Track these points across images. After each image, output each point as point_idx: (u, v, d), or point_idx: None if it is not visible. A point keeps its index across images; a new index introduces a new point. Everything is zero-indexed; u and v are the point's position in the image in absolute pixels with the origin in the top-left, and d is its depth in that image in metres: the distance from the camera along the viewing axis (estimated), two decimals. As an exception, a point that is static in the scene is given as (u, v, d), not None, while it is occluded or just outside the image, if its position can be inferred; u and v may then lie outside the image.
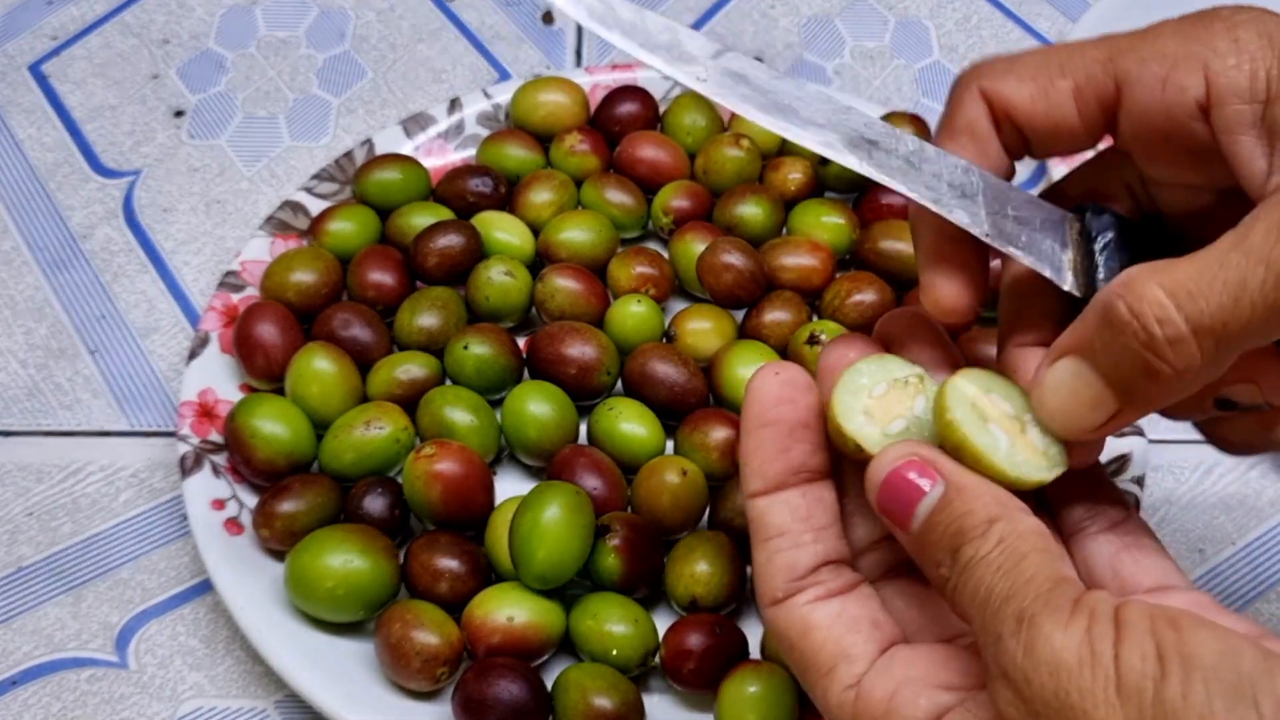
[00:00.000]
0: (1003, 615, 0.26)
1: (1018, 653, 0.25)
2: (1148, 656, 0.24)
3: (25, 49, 0.69)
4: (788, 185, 0.58)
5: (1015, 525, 0.28)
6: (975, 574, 0.27)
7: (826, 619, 0.31)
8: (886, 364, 0.33)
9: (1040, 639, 0.25)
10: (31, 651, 0.49)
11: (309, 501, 0.48)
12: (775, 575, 0.32)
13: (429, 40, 0.69)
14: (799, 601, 0.31)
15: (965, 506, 0.29)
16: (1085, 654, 0.24)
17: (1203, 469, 0.54)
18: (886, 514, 0.30)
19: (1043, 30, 0.70)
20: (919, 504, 0.29)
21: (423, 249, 0.54)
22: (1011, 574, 0.27)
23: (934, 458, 0.30)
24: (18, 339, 0.58)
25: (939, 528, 0.29)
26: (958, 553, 0.28)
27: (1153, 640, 0.24)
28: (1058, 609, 0.25)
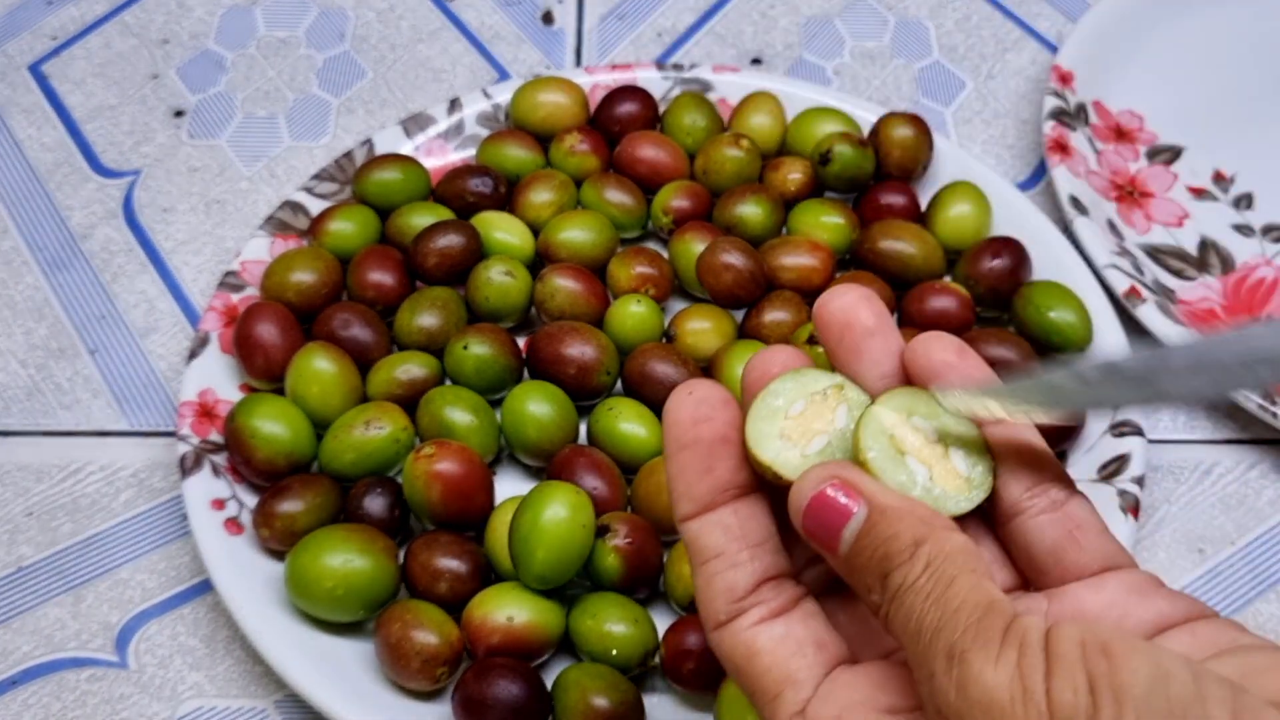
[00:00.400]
0: (934, 650, 0.26)
1: (950, 691, 0.25)
2: (1079, 689, 0.24)
3: (25, 49, 0.69)
4: (787, 185, 0.58)
5: (941, 546, 0.28)
6: (905, 602, 0.27)
7: (770, 643, 0.30)
8: (803, 378, 0.32)
9: (971, 678, 0.25)
10: (31, 651, 0.49)
11: (309, 501, 0.48)
12: (716, 598, 0.31)
13: (429, 40, 0.69)
14: (742, 625, 0.31)
15: (890, 529, 0.28)
16: (1017, 691, 0.24)
17: (1202, 469, 0.54)
18: (813, 539, 0.29)
19: (1043, 30, 0.70)
20: (844, 528, 0.29)
21: (422, 249, 0.54)
22: (940, 601, 0.27)
23: (856, 479, 0.29)
24: (17, 339, 0.58)
25: (866, 551, 0.28)
26: (886, 579, 0.28)
27: (1084, 671, 0.24)
28: (987, 642, 0.25)
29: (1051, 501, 0.31)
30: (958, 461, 0.31)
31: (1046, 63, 0.69)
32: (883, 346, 0.33)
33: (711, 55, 0.69)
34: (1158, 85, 0.66)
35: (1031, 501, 0.31)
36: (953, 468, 0.31)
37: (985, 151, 0.65)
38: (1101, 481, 0.50)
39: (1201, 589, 0.51)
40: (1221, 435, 0.55)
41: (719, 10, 0.71)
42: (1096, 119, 0.64)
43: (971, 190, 0.58)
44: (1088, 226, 0.57)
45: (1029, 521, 0.31)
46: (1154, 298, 0.56)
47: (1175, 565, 0.51)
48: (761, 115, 0.61)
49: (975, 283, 0.55)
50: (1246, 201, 0.62)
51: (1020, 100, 0.67)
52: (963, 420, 0.32)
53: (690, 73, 0.63)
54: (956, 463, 0.31)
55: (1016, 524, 0.31)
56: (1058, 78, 0.64)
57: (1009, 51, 0.69)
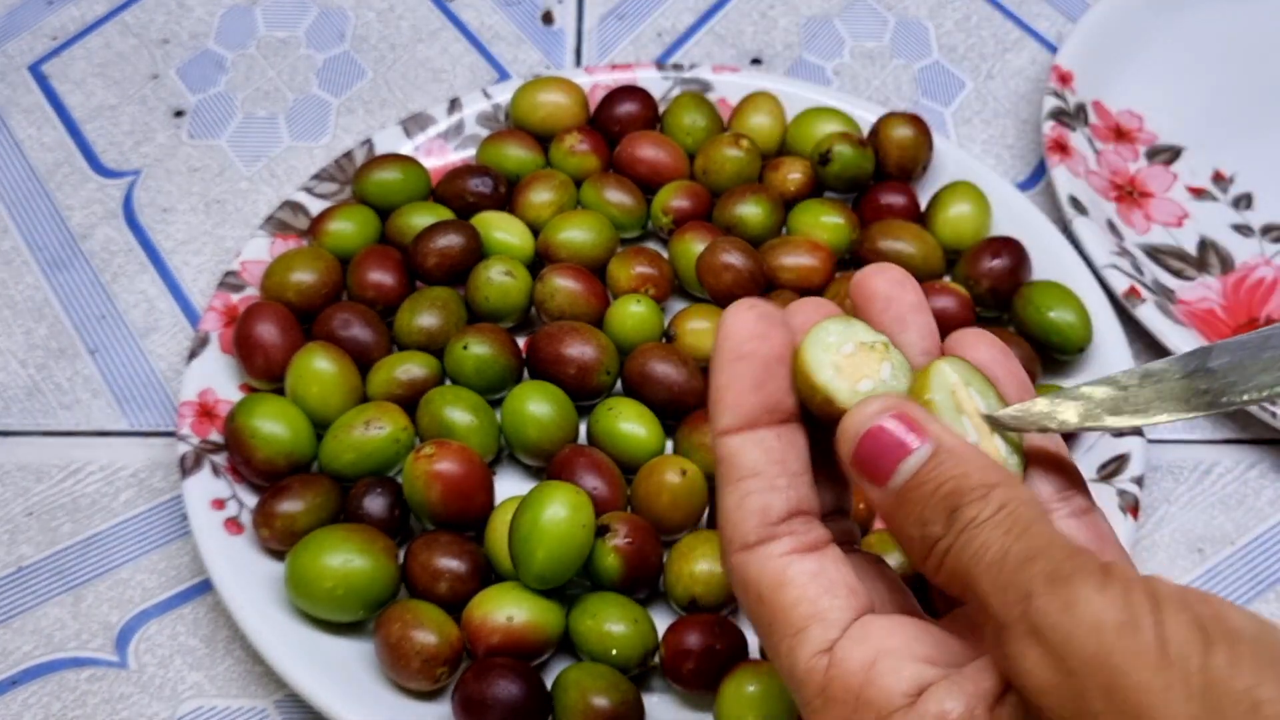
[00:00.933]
0: (1029, 573, 0.25)
1: (1054, 610, 0.25)
2: (1190, 625, 0.24)
3: (25, 49, 0.69)
4: (787, 185, 0.58)
5: (1015, 492, 0.27)
6: (981, 535, 0.27)
7: (803, 576, 0.29)
8: (853, 326, 0.32)
9: (1081, 599, 0.24)
10: (31, 651, 0.49)
11: (309, 501, 0.48)
12: (748, 518, 0.30)
13: (429, 40, 0.69)
14: (774, 551, 0.30)
15: (959, 468, 0.28)
16: (1126, 619, 0.24)
17: (1202, 469, 0.54)
18: (861, 467, 0.29)
19: (1042, 30, 0.70)
20: (904, 460, 0.28)
21: (422, 249, 0.54)
22: (1026, 536, 0.26)
23: (921, 416, 0.29)
24: (17, 339, 0.58)
25: (928, 485, 0.28)
26: (955, 513, 0.27)
27: (1191, 612, 0.24)
28: (1091, 571, 0.25)
29: (1078, 507, 0.31)
30: (999, 445, 0.31)
31: (1046, 63, 0.69)
32: (925, 323, 0.33)
33: (711, 55, 0.69)
34: (1157, 85, 0.66)
35: (1060, 504, 0.31)
36: (995, 446, 0.31)
37: (985, 151, 0.65)
38: (1101, 481, 0.50)
39: (1201, 589, 0.51)
40: (1221, 435, 0.55)
41: (719, 10, 0.71)
42: (1096, 119, 0.64)
43: (971, 190, 0.58)
44: (1087, 226, 0.57)
45: (1058, 522, 0.31)
46: (1153, 298, 0.56)
47: (1175, 565, 0.51)
48: (761, 115, 0.61)
49: (975, 282, 0.55)
50: (1246, 201, 0.62)
51: (1020, 100, 0.67)
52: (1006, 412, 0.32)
53: (690, 73, 0.63)
54: (998, 445, 0.31)
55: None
56: (1057, 78, 0.64)
57: (1009, 51, 0.69)
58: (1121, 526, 0.48)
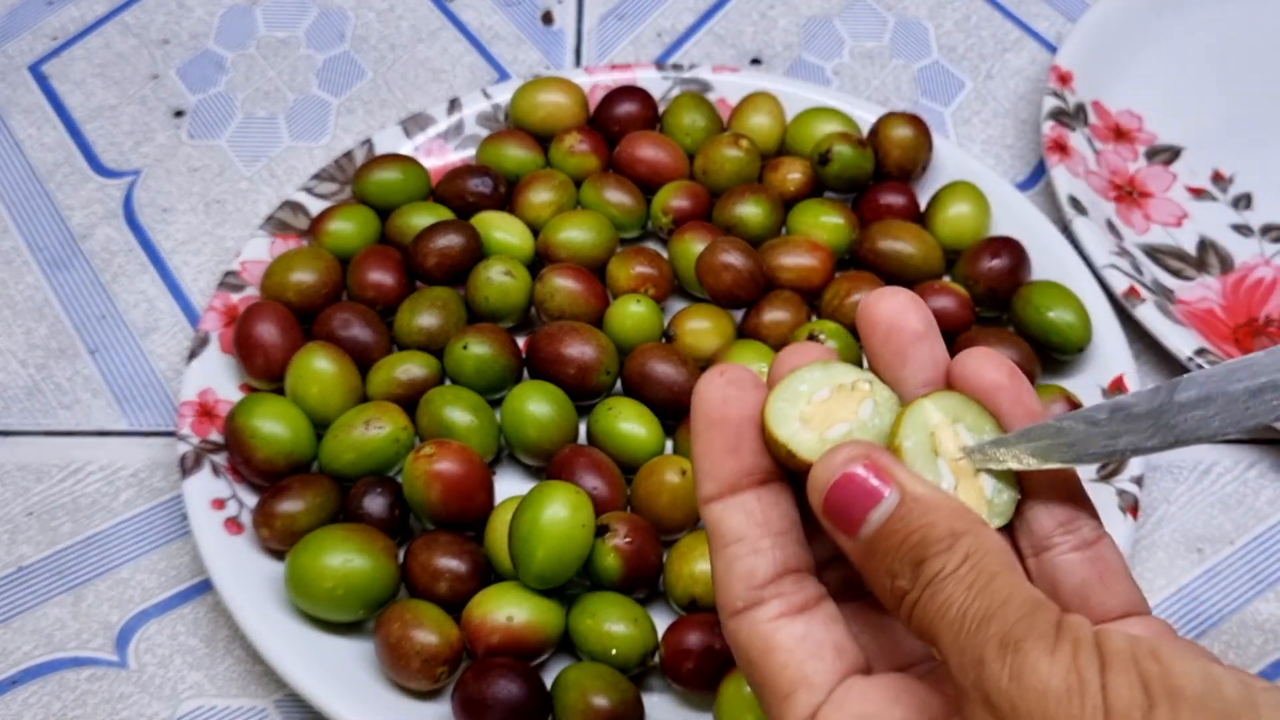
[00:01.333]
0: (983, 637, 0.26)
1: (1003, 678, 0.25)
2: (1134, 687, 0.24)
3: (25, 49, 0.69)
4: (787, 185, 0.58)
5: (982, 541, 0.27)
6: (944, 590, 0.27)
7: (790, 640, 0.29)
8: (831, 369, 0.31)
9: (1027, 666, 0.25)
10: (31, 651, 0.49)
11: (309, 501, 0.48)
12: (735, 584, 0.30)
13: (428, 40, 0.70)
14: (761, 616, 0.30)
15: (926, 518, 0.28)
16: (1074, 682, 0.24)
17: (1201, 469, 0.54)
18: (832, 517, 0.29)
19: (1042, 30, 0.70)
20: (873, 510, 0.28)
21: (422, 249, 0.54)
22: (985, 593, 0.26)
23: (888, 463, 0.29)
24: (18, 339, 0.58)
25: (895, 537, 0.28)
26: (921, 565, 0.27)
27: (1136, 671, 0.24)
28: (1042, 634, 0.25)
29: (1082, 540, 0.31)
30: (986, 483, 0.31)
31: (1046, 63, 0.69)
32: (929, 353, 0.32)
33: (711, 55, 0.69)
34: (1157, 85, 0.66)
35: (1063, 538, 0.31)
36: (979, 486, 0.31)
37: (984, 151, 0.65)
38: (1100, 481, 0.50)
39: (1200, 589, 0.51)
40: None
41: (718, 10, 0.71)
42: (1095, 119, 0.64)
43: (971, 190, 0.58)
44: (1087, 226, 0.57)
45: (1058, 558, 0.31)
46: (1153, 298, 0.56)
47: (1174, 565, 0.51)
48: (761, 115, 0.61)
49: (974, 282, 0.55)
50: (1245, 201, 0.62)
51: (1019, 100, 0.67)
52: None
53: (690, 73, 0.63)
54: (984, 483, 0.31)
55: (1045, 558, 0.31)
56: (1057, 78, 0.64)
57: (1008, 52, 0.69)
58: (1121, 526, 0.48)
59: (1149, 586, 0.51)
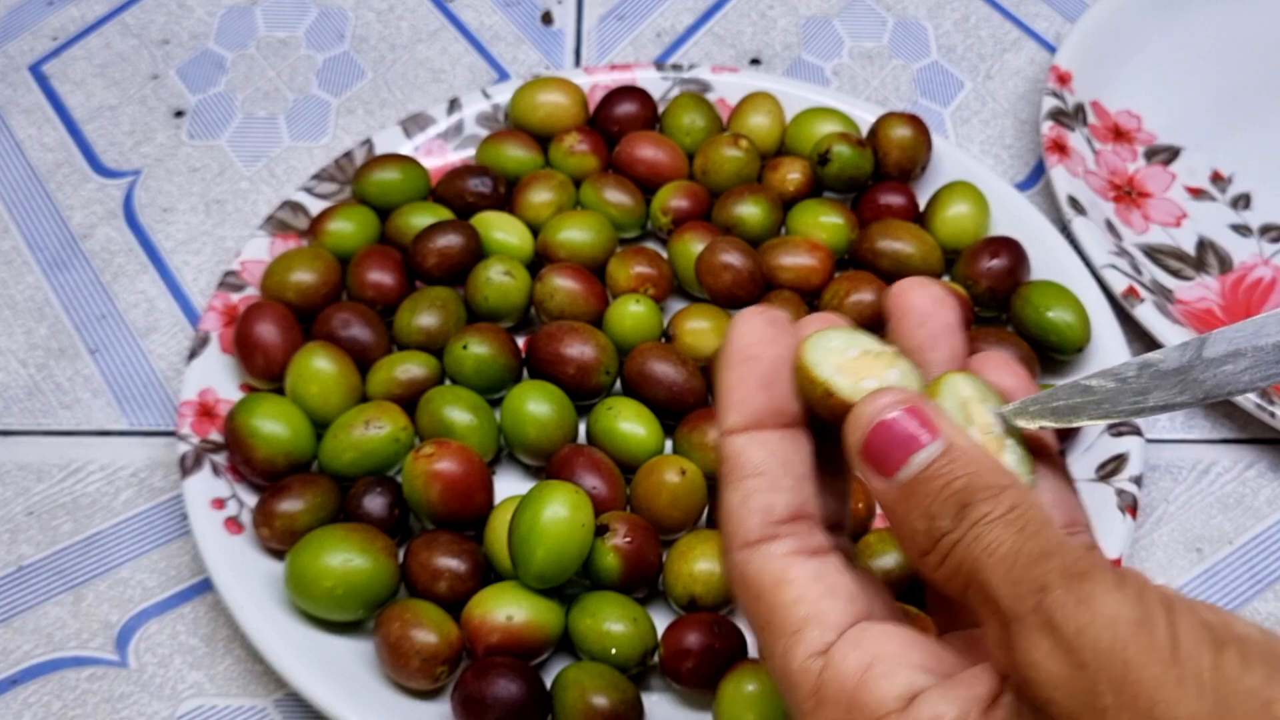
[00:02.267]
0: (1044, 568, 0.26)
1: (1069, 602, 0.25)
2: (1201, 628, 0.24)
3: (25, 49, 0.69)
4: (786, 185, 0.58)
5: (1026, 496, 0.28)
6: (993, 531, 0.27)
7: (804, 576, 0.29)
8: (857, 336, 0.32)
9: (1097, 594, 0.25)
10: (32, 650, 0.49)
11: (308, 501, 0.48)
12: (751, 515, 0.30)
13: (428, 41, 0.70)
14: (775, 550, 0.30)
15: (971, 466, 0.28)
16: (1142, 615, 0.24)
17: (1200, 469, 0.54)
18: (869, 457, 0.29)
19: (1041, 31, 0.70)
20: (915, 453, 0.28)
21: (422, 249, 0.54)
22: (1039, 536, 0.26)
23: (934, 412, 0.29)
24: (18, 339, 0.58)
25: (937, 481, 0.28)
26: (966, 508, 0.27)
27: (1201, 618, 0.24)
28: (1107, 571, 0.25)
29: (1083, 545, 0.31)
30: (1009, 458, 0.31)
31: (1045, 63, 0.69)
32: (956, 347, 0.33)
33: (710, 55, 0.69)
34: (1156, 85, 0.66)
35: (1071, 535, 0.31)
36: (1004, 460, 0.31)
37: (984, 152, 0.65)
38: (1100, 481, 0.50)
39: (1199, 589, 0.51)
40: (1219, 435, 0.55)
41: (718, 11, 0.71)
42: (1095, 119, 0.64)
43: (970, 190, 0.58)
44: (1086, 226, 0.58)
45: None
46: (1152, 297, 0.56)
47: (1173, 565, 0.51)
48: (760, 115, 0.61)
49: (974, 282, 0.55)
50: (1244, 201, 0.62)
51: (1018, 100, 0.67)
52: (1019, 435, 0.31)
53: (689, 73, 0.63)
54: (1008, 458, 0.31)
55: None
56: (1056, 78, 0.64)
57: (1007, 52, 0.69)
58: (1120, 526, 0.49)
59: (1148, 586, 0.51)
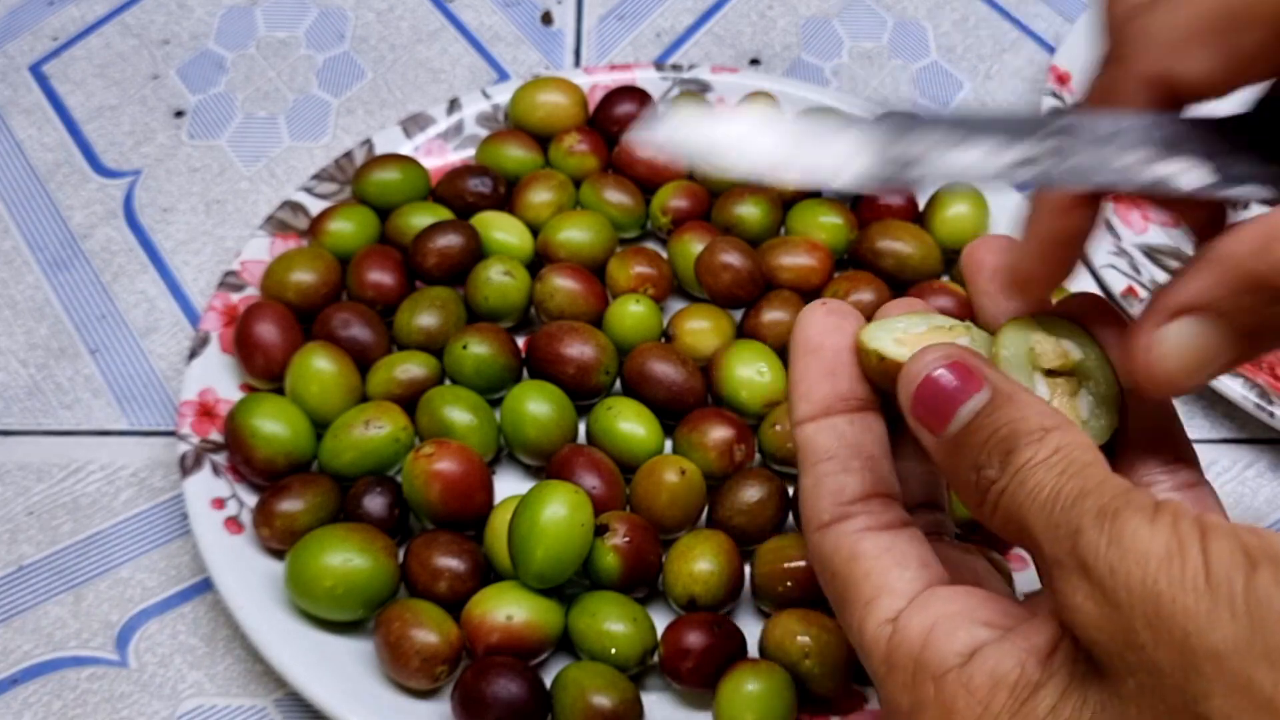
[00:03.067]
0: (1080, 510, 0.26)
1: (1101, 543, 0.25)
2: (1236, 551, 0.24)
3: (26, 49, 0.69)
4: (785, 185, 0.58)
5: (1072, 436, 0.27)
6: (1035, 476, 0.27)
7: (875, 549, 0.30)
8: (932, 317, 0.32)
9: (1128, 531, 0.25)
10: (32, 650, 0.49)
11: (308, 501, 0.48)
12: (822, 498, 0.31)
13: (428, 41, 0.70)
14: (847, 528, 0.30)
15: (1017, 413, 0.28)
16: (1174, 546, 0.24)
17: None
18: (919, 414, 0.29)
19: (1040, 31, 0.70)
20: (962, 405, 0.28)
21: (422, 249, 0.54)
22: (1079, 477, 0.26)
23: (978, 363, 0.29)
24: (18, 338, 0.58)
25: (984, 430, 0.28)
26: (1011, 454, 0.27)
27: (1238, 540, 0.24)
28: (1141, 506, 0.25)
29: (1183, 481, 0.31)
30: (1083, 404, 0.31)
31: (1044, 63, 0.69)
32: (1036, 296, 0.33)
33: (710, 56, 0.69)
34: (1155, 86, 0.66)
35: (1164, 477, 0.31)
36: (1075, 406, 0.31)
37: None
38: (1098, 481, 0.50)
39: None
40: (1218, 435, 0.55)
41: (717, 11, 0.71)
42: (1094, 119, 0.64)
43: (969, 190, 0.58)
44: (1085, 227, 0.58)
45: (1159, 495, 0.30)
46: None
47: (1172, 564, 0.51)
48: (760, 116, 0.61)
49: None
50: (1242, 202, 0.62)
51: (1018, 101, 0.67)
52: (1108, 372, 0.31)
53: (689, 73, 0.63)
54: (1081, 404, 0.31)
55: None
56: (1055, 78, 0.64)
57: (1006, 52, 0.70)
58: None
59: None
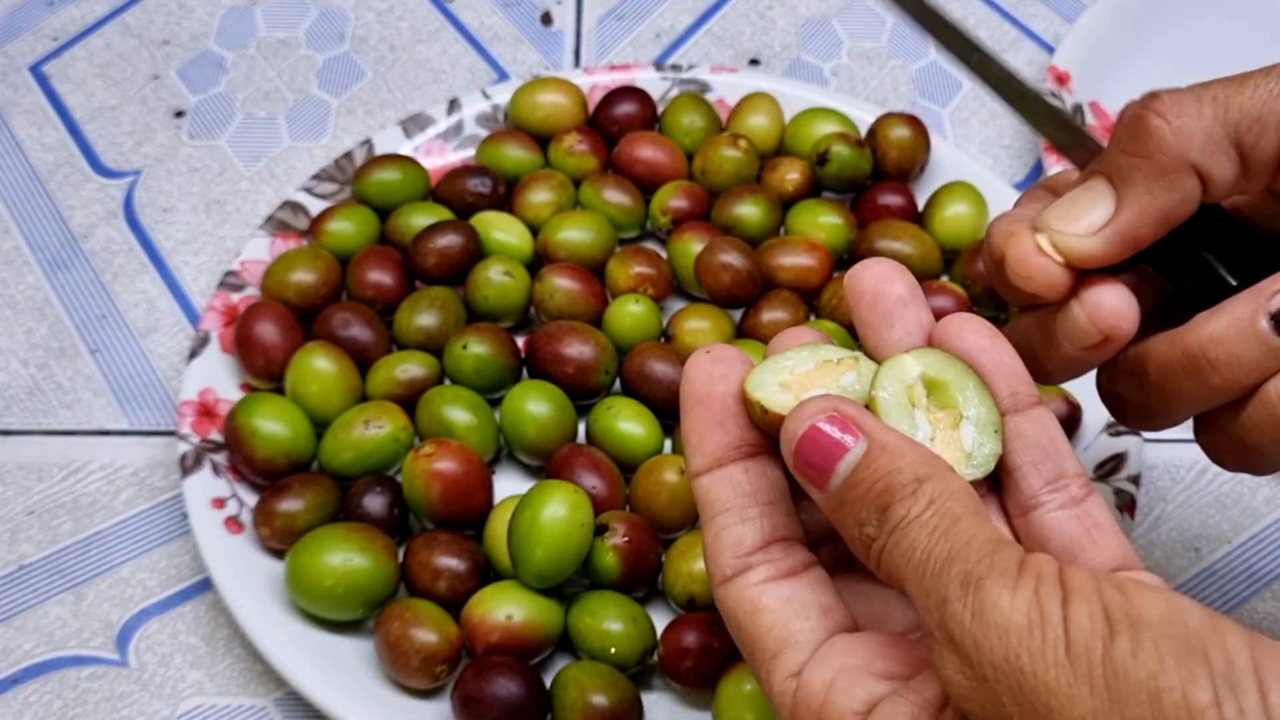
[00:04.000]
0: (946, 578, 0.26)
1: (965, 617, 0.25)
2: (1095, 617, 0.24)
3: (26, 50, 0.69)
4: (785, 185, 0.59)
5: (946, 484, 0.27)
6: (909, 535, 0.27)
7: (775, 602, 0.30)
8: (820, 350, 0.32)
9: (989, 603, 0.25)
10: (32, 650, 0.49)
11: (308, 500, 0.48)
12: (722, 552, 0.31)
13: (428, 41, 0.70)
14: (748, 581, 0.30)
15: (891, 464, 0.28)
16: (1035, 616, 0.24)
17: (1198, 468, 0.54)
18: (802, 472, 0.29)
19: (1039, 31, 0.70)
20: (840, 460, 0.28)
21: (422, 249, 0.55)
22: (949, 535, 0.26)
23: (855, 413, 0.29)
24: (19, 338, 0.58)
25: (862, 485, 0.28)
26: (886, 511, 0.27)
27: (1100, 601, 0.24)
28: (1004, 571, 0.25)
29: (1070, 498, 0.31)
30: (966, 435, 0.31)
31: (1043, 63, 0.69)
32: (915, 317, 0.33)
33: (709, 56, 0.69)
34: (1154, 86, 0.66)
35: (1050, 496, 0.31)
36: (958, 438, 0.31)
37: (982, 152, 0.65)
38: (1098, 480, 0.50)
39: (1197, 588, 0.51)
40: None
41: (717, 11, 0.71)
42: (1093, 119, 0.64)
43: (968, 190, 0.58)
44: (1084, 227, 0.58)
45: (1046, 516, 0.31)
46: (1150, 297, 0.56)
47: (1171, 564, 0.52)
48: (759, 116, 0.61)
49: (972, 283, 0.55)
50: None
51: (1017, 101, 0.67)
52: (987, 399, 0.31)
53: (688, 73, 0.63)
54: (965, 435, 0.31)
55: (1034, 517, 0.31)
56: (1054, 78, 0.64)
57: (1006, 52, 0.70)
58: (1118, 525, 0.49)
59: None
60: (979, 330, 0.32)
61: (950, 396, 0.31)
